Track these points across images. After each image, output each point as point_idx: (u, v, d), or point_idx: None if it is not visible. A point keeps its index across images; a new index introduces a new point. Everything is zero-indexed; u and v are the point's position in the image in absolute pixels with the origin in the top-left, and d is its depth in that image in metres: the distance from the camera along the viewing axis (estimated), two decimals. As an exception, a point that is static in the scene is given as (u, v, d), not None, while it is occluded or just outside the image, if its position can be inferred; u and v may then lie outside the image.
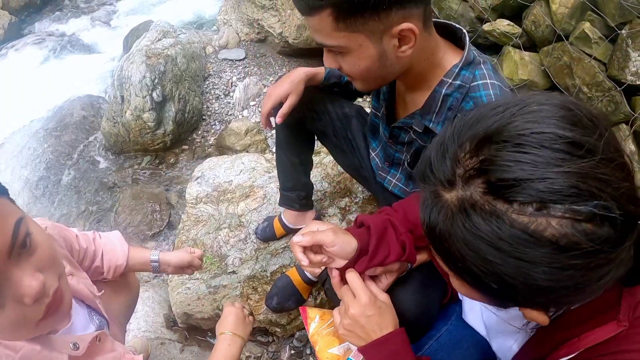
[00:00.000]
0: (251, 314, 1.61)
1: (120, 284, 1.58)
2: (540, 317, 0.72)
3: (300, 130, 1.74)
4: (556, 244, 0.58)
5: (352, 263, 1.07)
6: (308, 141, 1.81)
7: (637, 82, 2.25)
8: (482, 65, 1.17)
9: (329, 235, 1.04)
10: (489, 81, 1.15)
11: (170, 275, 2.21)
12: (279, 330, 1.96)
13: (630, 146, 2.34)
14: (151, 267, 1.56)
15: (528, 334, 0.98)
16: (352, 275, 1.07)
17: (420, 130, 1.27)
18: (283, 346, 2.00)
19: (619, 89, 2.28)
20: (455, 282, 0.78)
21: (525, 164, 0.59)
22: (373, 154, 1.62)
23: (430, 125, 1.24)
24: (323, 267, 1.43)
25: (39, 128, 3.57)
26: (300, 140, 1.78)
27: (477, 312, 1.19)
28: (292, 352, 1.98)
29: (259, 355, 1.99)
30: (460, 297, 1.23)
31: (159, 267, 1.57)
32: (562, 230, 0.58)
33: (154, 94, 3.05)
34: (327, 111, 1.69)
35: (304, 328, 2.00)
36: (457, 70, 1.16)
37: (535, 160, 0.59)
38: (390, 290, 1.18)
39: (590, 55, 2.41)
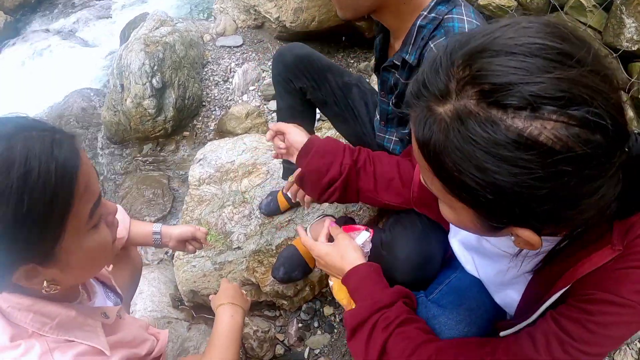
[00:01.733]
0: (250, 305, 1.58)
1: (122, 259, 1.55)
2: (533, 238, 0.70)
3: (302, 101, 1.72)
4: (551, 148, 0.59)
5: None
6: (309, 112, 1.79)
7: (632, 48, 2.24)
8: (463, 8, 1.20)
9: (289, 126, 1.32)
10: (465, 18, 1.17)
11: (176, 255, 2.18)
12: (285, 302, 1.94)
13: (628, 112, 2.32)
14: (153, 239, 1.52)
15: (526, 278, 0.96)
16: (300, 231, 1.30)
17: (398, 64, 1.28)
18: (290, 320, 1.97)
19: (614, 55, 2.26)
20: (444, 210, 0.77)
21: (518, 69, 0.59)
22: (375, 124, 1.61)
23: (406, 56, 1.24)
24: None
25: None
26: (302, 112, 1.77)
27: (472, 267, 1.17)
28: (300, 325, 1.96)
29: (267, 329, 1.96)
30: (456, 253, 1.21)
31: (160, 239, 1.52)
32: (556, 134, 0.58)
33: (154, 81, 3.02)
34: (327, 80, 1.68)
35: (310, 300, 1.98)
36: (433, 4, 1.19)
37: (527, 67, 0.59)
38: (390, 239, 1.18)
39: (585, 24, 2.39)
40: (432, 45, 1.18)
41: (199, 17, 4.42)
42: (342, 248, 1.15)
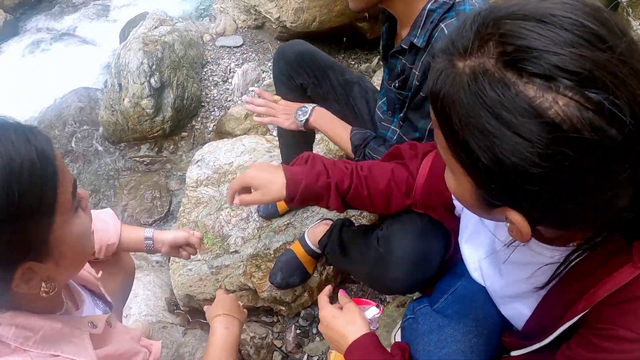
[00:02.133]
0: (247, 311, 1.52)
1: (114, 265, 1.48)
2: (523, 225, 0.66)
3: (302, 98, 1.67)
4: (558, 125, 0.55)
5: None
6: (310, 110, 1.73)
7: None
8: None
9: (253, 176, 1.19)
10: (476, 3, 1.16)
11: (171, 258, 2.12)
12: (283, 308, 1.87)
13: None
14: (144, 245, 1.45)
15: (539, 293, 0.89)
16: (320, 297, 1.23)
17: (406, 47, 1.25)
18: (288, 326, 1.91)
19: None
20: (448, 177, 0.75)
21: (544, 37, 0.56)
22: (379, 112, 1.55)
23: (414, 40, 1.22)
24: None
25: (38, 121, 3.49)
26: (302, 108, 1.71)
27: (479, 275, 1.10)
28: (298, 331, 1.89)
29: (264, 336, 1.90)
30: (465, 258, 1.14)
31: (152, 245, 1.45)
32: (567, 112, 0.55)
33: (152, 80, 2.96)
34: (328, 77, 1.63)
35: (309, 306, 1.91)
36: None
37: (554, 37, 0.56)
38: (387, 234, 1.13)
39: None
40: (442, 26, 1.16)
41: (199, 17, 4.35)
42: (349, 316, 1.11)
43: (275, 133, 2.75)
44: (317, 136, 2.25)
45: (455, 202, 1.10)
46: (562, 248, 0.79)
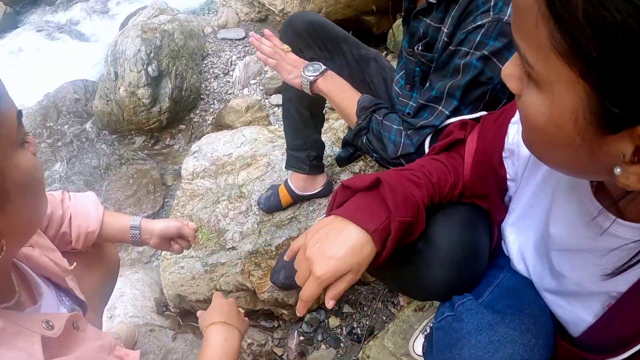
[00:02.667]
0: (245, 315, 1.27)
1: (94, 257, 1.26)
2: None
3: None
4: None
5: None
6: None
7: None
8: None
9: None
10: None
11: (162, 255, 1.90)
12: (285, 312, 1.65)
13: None
14: (130, 235, 1.22)
15: (609, 296, 0.68)
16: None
17: (434, 2, 1.07)
18: (291, 332, 1.68)
19: None
20: (532, 99, 0.51)
21: None
22: (396, 87, 1.34)
23: None
24: None
25: (33, 111, 3.32)
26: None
27: (523, 267, 0.88)
28: (302, 338, 1.67)
29: (263, 342, 1.67)
30: (506, 251, 0.92)
31: (139, 235, 1.23)
32: None
33: (150, 69, 2.76)
34: (341, 51, 1.43)
35: (314, 310, 1.69)
36: None
37: None
38: (431, 228, 0.87)
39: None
40: None
41: (202, 13, 4.18)
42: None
43: (277, 125, 2.55)
44: (324, 125, 2.05)
45: (510, 183, 0.87)
46: None
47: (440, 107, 1.09)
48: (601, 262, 0.64)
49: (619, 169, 0.47)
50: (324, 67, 1.29)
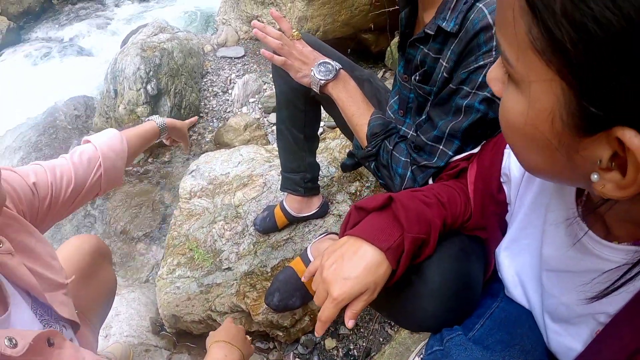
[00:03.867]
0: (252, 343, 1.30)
1: (92, 275, 1.27)
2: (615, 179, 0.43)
3: (304, 99, 1.44)
4: None
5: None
6: (313, 112, 1.50)
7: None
8: None
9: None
10: None
11: (158, 274, 1.87)
12: (281, 334, 1.62)
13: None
14: (158, 127, 1.36)
15: (597, 323, 0.66)
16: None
17: (432, 33, 1.02)
18: (286, 353, 1.65)
19: None
20: (511, 99, 0.50)
21: None
22: (389, 112, 1.32)
23: (444, 24, 0.99)
24: None
25: (33, 127, 3.32)
26: (304, 111, 1.48)
27: (521, 292, 0.86)
28: (297, 359, 1.64)
29: (258, 363, 1.65)
30: (503, 270, 0.89)
31: (165, 124, 1.38)
32: None
33: (149, 87, 2.75)
34: None
35: (310, 332, 1.66)
36: None
37: None
38: (423, 260, 0.86)
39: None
40: (481, 6, 0.92)
41: (202, 30, 4.19)
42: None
43: (275, 144, 2.53)
44: (320, 144, 2.03)
45: (508, 208, 0.85)
46: (633, 248, 0.57)
47: (442, 147, 1.06)
48: (585, 285, 0.63)
49: (595, 176, 0.45)
50: (337, 66, 1.21)
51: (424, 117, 1.14)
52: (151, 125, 1.35)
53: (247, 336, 1.24)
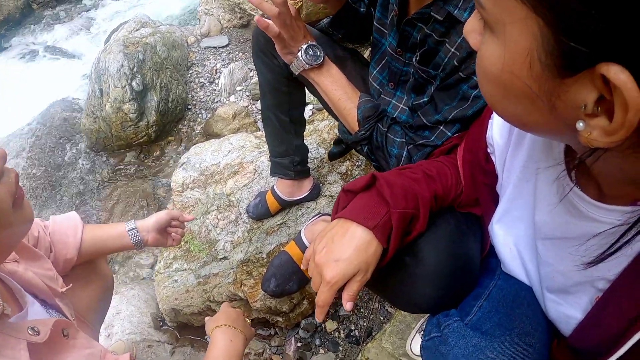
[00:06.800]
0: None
1: (87, 275, 1.25)
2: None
3: (287, 80, 1.40)
4: None
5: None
6: (297, 94, 1.46)
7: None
8: None
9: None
10: None
11: (156, 269, 1.85)
12: (280, 319, 1.60)
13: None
14: (130, 238, 1.21)
15: (596, 289, 0.63)
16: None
17: (441, 18, 0.94)
18: (287, 339, 1.63)
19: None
20: (488, 48, 0.46)
21: None
22: (375, 84, 1.27)
23: (455, 11, 0.91)
24: None
25: (23, 132, 3.27)
26: (289, 93, 1.44)
27: (519, 264, 0.83)
28: (299, 344, 1.62)
29: (260, 351, 1.63)
30: (498, 244, 0.86)
31: (139, 235, 1.21)
32: None
33: (134, 83, 2.70)
34: None
35: (310, 315, 1.64)
36: None
37: None
38: (418, 241, 0.82)
39: None
40: None
41: (185, 22, 4.12)
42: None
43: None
44: (309, 126, 2.00)
45: (494, 158, 0.82)
46: (629, 209, 0.53)
47: (442, 128, 1.02)
48: (581, 250, 0.59)
49: (581, 124, 0.42)
50: (323, 55, 1.15)
51: (425, 98, 1.09)
52: (120, 226, 1.23)
53: (248, 320, 1.23)
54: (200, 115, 2.91)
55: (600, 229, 0.56)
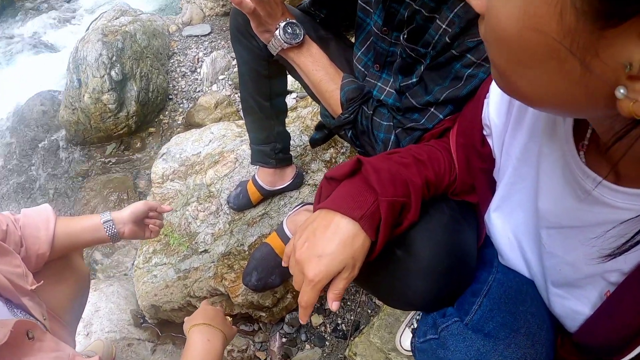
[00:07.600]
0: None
1: (61, 270, 1.18)
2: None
3: (267, 63, 1.32)
4: None
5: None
6: (278, 78, 1.38)
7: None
8: None
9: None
10: None
11: (135, 264, 1.77)
12: (264, 315, 1.52)
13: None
14: (105, 230, 1.13)
15: (608, 283, 0.56)
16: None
17: None
18: (272, 334, 1.56)
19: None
20: (499, 16, 0.38)
21: None
22: (359, 66, 1.18)
23: None
24: None
25: (1, 126, 3.17)
26: (269, 77, 1.35)
27: (518, 255, 0.75)
28: (284, 340, 1.55)
29: (244, 348, 1.55)
30: (496, 234, 0.79)
31: (114, 227, 1.13)
32: None
33: (113, 73, 2.60)
34: None
35: (294, 309, 1.56)
36: None
37: None
38: (410, 232, 0.74)
39: None
40: None
41: (166, 10, 4.01)
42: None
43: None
44: (292, 114, 1.91)
45: (491, 140, 0.74)
46: None
47: (433, 110, 0.94)
48: (597, 240, 0.52)
49: (622, 90, 0.33)
50: (303, 34, 1.06)
51: (414, 79, 1.01)
52: (95, 219, 1.15)
53: (227, 317, 1.15)
54: (181, 105, 2.81)
55: (620, 217, 0.48)
